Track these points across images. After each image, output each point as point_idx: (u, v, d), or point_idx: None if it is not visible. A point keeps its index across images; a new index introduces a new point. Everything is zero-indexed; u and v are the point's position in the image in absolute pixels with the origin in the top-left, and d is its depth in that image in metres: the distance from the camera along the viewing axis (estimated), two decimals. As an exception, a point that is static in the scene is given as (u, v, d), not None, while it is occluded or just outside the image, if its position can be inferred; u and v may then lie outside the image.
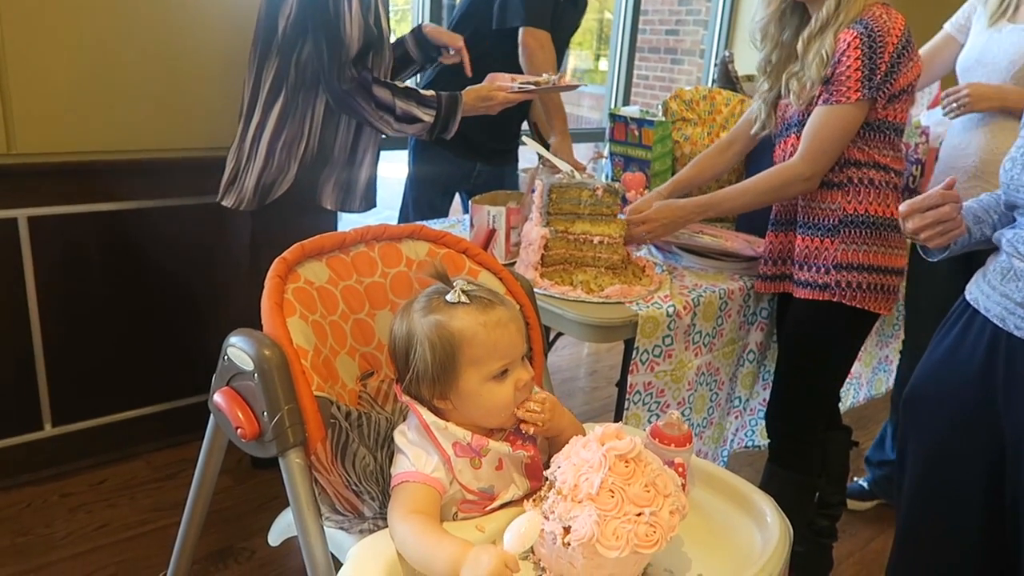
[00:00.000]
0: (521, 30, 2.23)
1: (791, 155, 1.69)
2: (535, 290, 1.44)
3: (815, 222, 1.70)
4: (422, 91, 1.85)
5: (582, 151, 2.54)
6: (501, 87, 1.94)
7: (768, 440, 1.92)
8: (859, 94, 1.56)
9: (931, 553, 1.35)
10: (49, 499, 2.06)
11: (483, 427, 1.03)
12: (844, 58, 1.57)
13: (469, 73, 2.04)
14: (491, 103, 1.93)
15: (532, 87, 1.98)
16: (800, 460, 1.84)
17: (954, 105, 1.96)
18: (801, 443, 1.84)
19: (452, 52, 2.09)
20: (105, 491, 2.11)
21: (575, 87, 2.17)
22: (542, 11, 2.23)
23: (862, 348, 1.85)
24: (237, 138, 1.86)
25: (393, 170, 2.20)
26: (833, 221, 1.67)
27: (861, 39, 1.55)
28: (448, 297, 1.00)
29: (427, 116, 1.83)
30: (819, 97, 1.62)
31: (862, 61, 1.55)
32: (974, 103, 1.93)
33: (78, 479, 2.14)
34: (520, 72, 2.23)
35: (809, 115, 1.65)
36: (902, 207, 1.25)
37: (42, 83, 1.91)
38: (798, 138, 1.68)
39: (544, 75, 2.03)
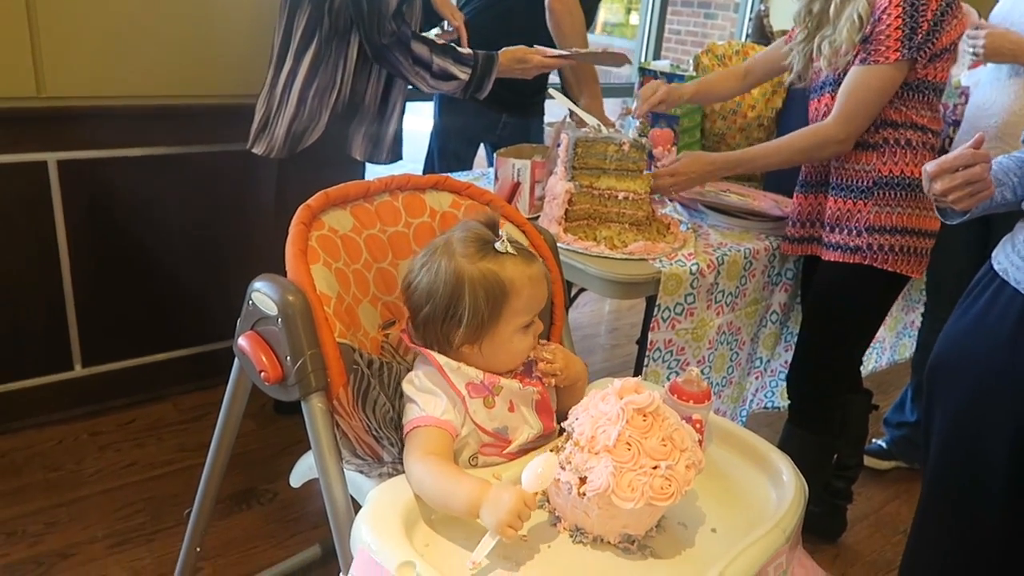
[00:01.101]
0: None
1: (824, 115, 1.65)
2: (558, 245, 1.44)
3: (848, 183, 1.66)
4: (459, 49, 1.83)
5: (610, 106, 2.50)
6: (538, 50, 1.91)
7: (788, 401, 1.92)
8: (898, 54, 1.51)
9: (955, 518, 1.35)
10: (80, 437, 2.12)
11: (484, 368, 1.04)
12: (884, 16, 1.51)
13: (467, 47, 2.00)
14: (526, 66, 1.91)
15: (569, 52, 1.94)
16: (820, 422, 1.84)
17: (970, 52, 1.89)
18: (822, 405, 1.84)
19: (450, 29, 2.06)
20: (134, 431, 2.17)
21: (620, 58, 2.06)
22: None
23: (888, 313, 1.83)
24: (267, 85, 1.85)
25: (417, 122, 2.19)
26: (867, 183, 1.63)
27: None
28: (498, 246, 1.01)
29: (463, 74, 1.82)
30: (856, 56, 1.57)
31: (903, 19, 1.49)
32: (988, 55, 1.86)
33: (107, 418, 2.20)
34: (545, 30, 2.18)
35: (844, 74, 1.61)
36: (929, 167, 1.19)
37: (72, 27, 1.91)
38: (832, 97, 1.63)
39: (587, 48, 2.00)
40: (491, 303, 0.99)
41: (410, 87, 1.90)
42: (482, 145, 2.55)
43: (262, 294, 1.02)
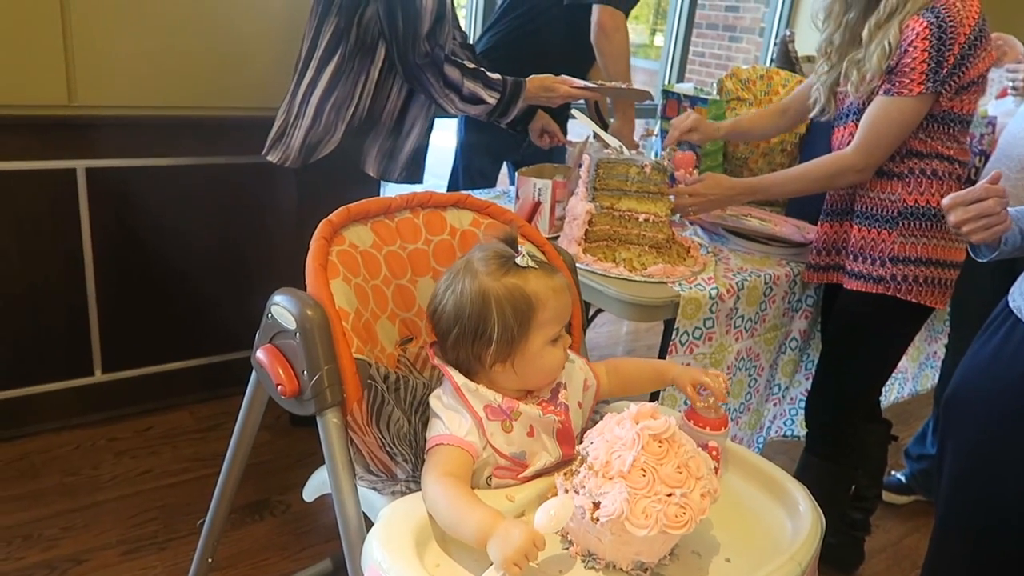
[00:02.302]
0: (597, 8, 2.15)
1: (847, 143, 1.64)
2: (577, 265, 1.44)
3: (873, 212, 1.65)
4: (489, 73, 1.84)
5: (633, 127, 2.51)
6: (565, 80, 1.92)
7: (806, 430, 1.90)
8: (922, 87, 1.50)
9: (969, 556, 1.33)
10: (97, 442, 2.13)
11: (517, 391, 1.04)
12: (911, 48, 1.49)
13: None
14: (553, 95, 1.91)
15: (596, 85, 1.95)
16: (838, 452, 1.82)
17: (1010, 84, 1.88)
18: (840, 435, 1.81)
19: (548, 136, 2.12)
20: (150, 438, 2.18)
21: (644, 94, 2.08)
22: None
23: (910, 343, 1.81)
24: (288, 94, 1.87)
25: (442, 139, 2.20)
26: (892, 212, 1.62)
27: (931, 29, 1.47)
28: (519, 261, 1.01)
29: (491, 98, 1.83)
30: (881, 86, 1.56)
31: (929, 53, 1.48)
32: None
33: (125, 425, 2.22)
34: (578, 51, 2.20)
35: (868, 103, 1.60)
36: (945, 200, 1.22)
37: (104, 39, 1.94)
38: (856, 125, 1.62)
39: (613, 82, 2.02)
40: (519, 318, 0.99)
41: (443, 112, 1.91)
42: (505, 163, 2.56)
43: (281, 308, 1.03)
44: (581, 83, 1.93)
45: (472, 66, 1.82)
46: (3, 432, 2.08)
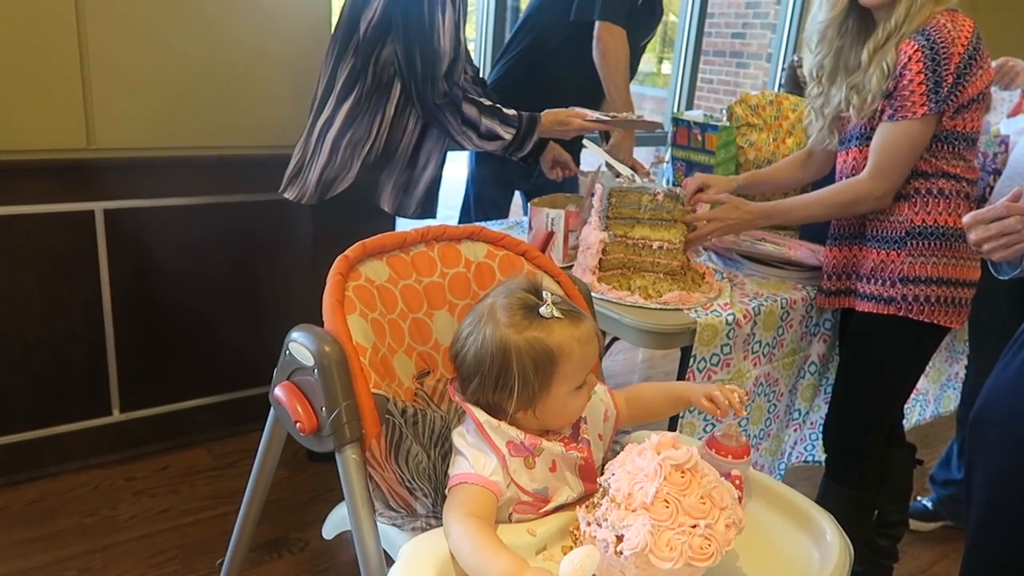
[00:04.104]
0: (597, 24, 2.22)
1: (852, 167, 1.65)
2: (592, 294, 1.43)
3: (881, 234, 1.64)
4: (504, 109, 1.85)
5: (642, 155, 2.52)
6: (579, 113, 1.94)
7: (826, 455, 1.87)
8: (925, 108, 1.50)
9: None
10: (116, 482, 2.13)
11: (539, 429, 1.03)
12: (906, 72, 1.50)
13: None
14: (567, 128, 1.93)
15: (609, 118, 1.98)
16: (858, 476, 1.79)
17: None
18: (859, 459, 1.79)
19: (560, 167, 2.13)
20: (168, 477, 2.18)
21: (655, 125, 2.12)
22: (619, 6, 2.22)
23: (931, 365, 1.79)
24: (305, 132, 1.89)
25: (451, 170, 2.21)
26: (900, 233, 1.61)
27: (923, 52, 1.48)
28: (542, 311, 0.99)
29: (507, 134, 1.84)
30: (883, 112, 1.56)
31: (925, 75, 1.48)
32: None
33: (143, 464, 2.22)
34: (587, 77, 2.24)
35: (871, 127, 1.60)
36: (965, 218, 1.22)
37: (122, 83, 1.98)
38: (859, 151, 1.63)
39: (624, 113, 2.05)
40: (540, 372, 0.97)
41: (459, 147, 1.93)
42: (517, 192, 2.58)
43: (299, 344, 1.03)
44: (594, 115, 1.94)
45: (489, 103, 1.84)
46: (22, 474, 2.09)
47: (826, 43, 1.65)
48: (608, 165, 1.90)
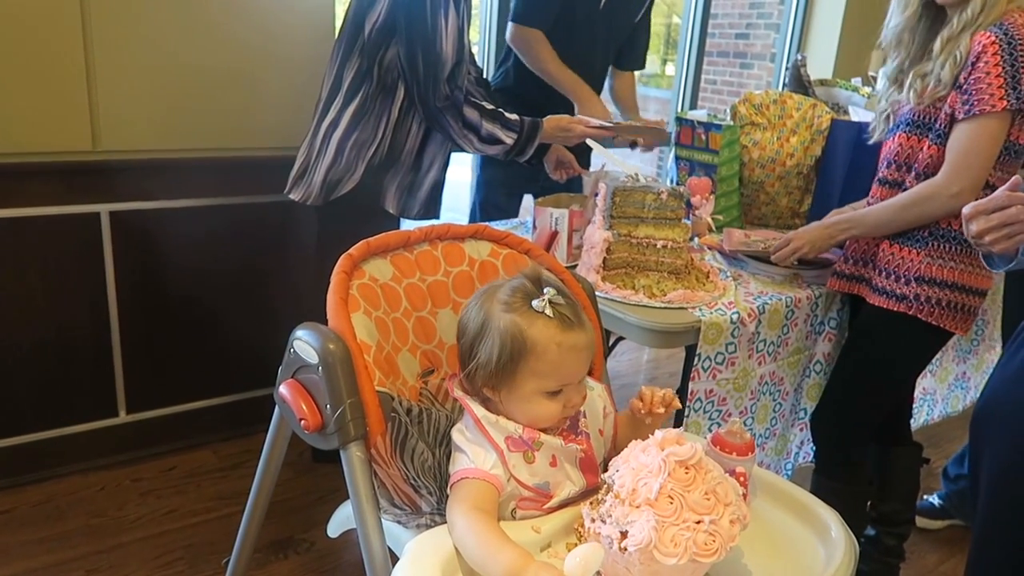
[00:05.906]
0: (510, 25, 2.23)
1: (897, 154, 1.63)
2: (596, 293, 1.43)
3: (904, 230, 1.63)
4: (507, 114, 1.86)
5: (647, 156, 2.51)
6: (581, 120, 1.94)
7: (814, 448, 1.86)
8: (1005, 102, 1.45)
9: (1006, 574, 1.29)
10: (122, 483, 2.14)
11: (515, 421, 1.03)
12: (981, 63, 1.47)
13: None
14: (569, 134, 1.93)
15: (611, 124, 1.97)
16: (848, 471, 1.78)
17: None
18: (846, 453, 1.79)
19: (563, 168, 2.14)
20: (174, 478, 2.19)
21: (661, 133, 2.09)
22: (535, 8, 2.21)
23: (938, 364, 1.78)
24: (310, 133, 1.90)
25: (457, 173, 2.22)
26: (923, 232, 1.60)
27: (1000, 44, 1.45)
28: (534, 303, 0.99)
29: (509, 138, 1.84)
30: (952, 109, 1.52)
31: (1003, 67, 1.45)
32: None
33: (149, 465, 2.22)
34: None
35: (926, 115, 1.57)
36: (965, 209, 1.19)
37: (127, 86, 1.99)
38: (907, 136, 1.61)
39: (627, 120, 2.06)
40: (509, 357, 0.98)
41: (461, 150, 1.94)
42: (526, 196, 2.57)
43: (303, 342, 1.04)
44: (596, 122, 1.94)
45: (491, 107, 1.84)
46: (29, 475, 2.09)
47: (904, 47, 1.63)
48: (612, 164, 1.90)
